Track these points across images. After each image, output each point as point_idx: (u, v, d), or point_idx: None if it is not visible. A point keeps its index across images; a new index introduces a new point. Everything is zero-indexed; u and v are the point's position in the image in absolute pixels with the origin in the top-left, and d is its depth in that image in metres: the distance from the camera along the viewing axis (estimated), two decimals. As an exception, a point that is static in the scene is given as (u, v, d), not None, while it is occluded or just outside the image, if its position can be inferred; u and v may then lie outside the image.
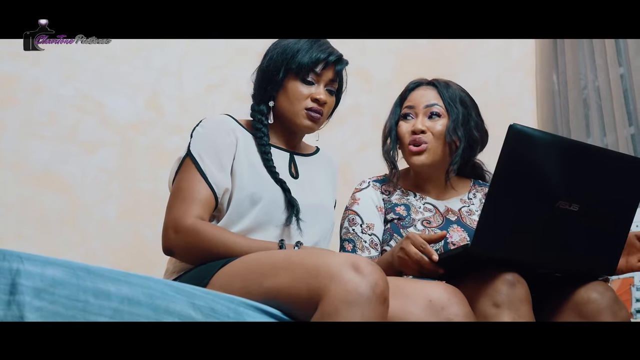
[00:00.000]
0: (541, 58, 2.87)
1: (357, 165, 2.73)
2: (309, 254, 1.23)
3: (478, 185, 1.81)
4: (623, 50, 2.63)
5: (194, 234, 1.39)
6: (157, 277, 1.13)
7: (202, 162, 1.46)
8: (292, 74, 1.53)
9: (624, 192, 1.42)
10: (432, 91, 1.72)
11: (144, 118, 2.51)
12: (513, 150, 1.30)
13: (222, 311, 1.13)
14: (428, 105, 1.69)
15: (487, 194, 1.33)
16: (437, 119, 1.68)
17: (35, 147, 2.33)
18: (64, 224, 2.33)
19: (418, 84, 1.75)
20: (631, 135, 2.55)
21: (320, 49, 1.54)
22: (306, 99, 1.53)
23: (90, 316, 1.00)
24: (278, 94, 1.55)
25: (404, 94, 1.76)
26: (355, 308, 1.10)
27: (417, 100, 1.71)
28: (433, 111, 1.68)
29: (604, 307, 1.39)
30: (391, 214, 1.69)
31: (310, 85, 1.54)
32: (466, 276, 1.36)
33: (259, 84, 1.57)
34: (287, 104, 1.54)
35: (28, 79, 2.35)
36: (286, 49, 1.54)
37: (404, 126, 1.70)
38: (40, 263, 0.99)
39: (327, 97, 1.55)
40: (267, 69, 1.55)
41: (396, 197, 1.72)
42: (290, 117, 1.55)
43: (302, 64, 1.52)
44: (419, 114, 1.69)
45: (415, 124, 1.68)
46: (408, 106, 1.71)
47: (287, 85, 1.54)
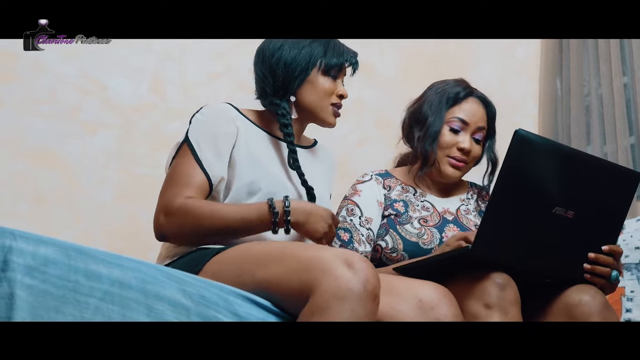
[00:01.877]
0: (546, 62, 2.87)
1: (356, 159, 2.73)
2: (302, 247, 1.23)
3: (475, 187, 1.84)
4: (628, 60, 2.63)
5: (183, 211, 1.38)
6: (149, 262, 1.13)
7: (198, 149, 1.45)
8: (321, 70, 1.54)
9: (616, 202, 1.44)
10: (482, 110, 1.72)
11: (146, 101, 2.51)
12: (517, 156, 1.32)
13: (212, 299, 1.13)
14: (479, 128, 1.70)
15: (490, 196, 1.34)
16: (479, 144, 1.72)
17: (34, 124, 2.33)
18: (60, 203, 2.32)
19: (470, 93, 1.73)
20: (631, 145, 2.56)
21: (344, 50, 1.58)
22: (332, 95, 1.56)
23: (81, 297, 1.00)
24: (300, 89, 1.54)
25: (455, 98, 1.71)
26: (346, 303, 1.10)
27: (471, 118, 1.69)
28: (479, 136, 1.71)
29: (594, 311, 1.40)
30: (389, 210, 1.69)
31: (335, 81, 1.57)
32: (456, 277, 1.37)
33: (283, 78, 1.53)
34: (315, 98, 1.55)
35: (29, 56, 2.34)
36: (313, 47, 1.54)
37: (451, 137, 1.68)
38: (33, 241, 0.99)
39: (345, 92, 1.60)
40: (292, 64, 1.53)
41: (396, 193, 1.73)
42: (317, 111, 1.56)
43: (332, 62, 1.55)
44: (467, 132, 1.69)
45: (464, 142, 1.68)
46: (461, 119, 1.69)
47: (314, 80, 1.54)
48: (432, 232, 1.65)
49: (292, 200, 1.42)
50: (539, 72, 2.90)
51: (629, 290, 2.07)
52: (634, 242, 2.11)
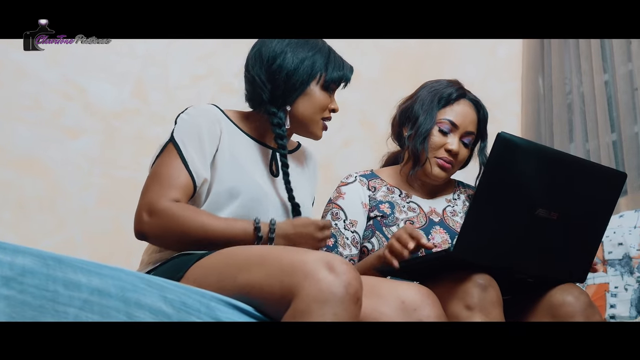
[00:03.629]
0: (528, 61, 2.89)
1: (341, 161, 2.73)
2: (284, 250, 1.23)
3: (462, 186, 1.83)
4: (609, 57, 2.64)
5: (168, 215, 1.36)
6: (129, 269, 1.12)
7: (184, 149, 1.44)
8: (320, 85, 1.53)
9: (600, 202, 1.45)
10: (474, 114, 1.71)
11: (128, 106, 2.49)
12: (499, 158, 1.33)
13: (194, 305, 1.13)
14: (468, 133, 1.70)
15: (472, 198, 1.35)
16: (467, 147, 1.71)
17: (16, 130, 2.31)
18: (43, 210, 2.31)
19: (463, 95, 1.72)
20: (613, 142, 2.57)
21: (344, 65, 1.57)
22: (326, 109, 1.56)
23: (59, 306, 0.99)
24: (297, 100, 1.52)
25: (447, 99, 1.70)
26: (328, 307, 1.10)
27: (461, 122, 1.68)
28: (467, 140, 1.70)
29: (578, 311, 1.41)
30: (375, 211, 1.69)
31: (331, 96, 1.57)
32: (438, 278, 1.37)
33: (284, 88, 1.50)
34: (310, 112, 1.53)
35: (12, 63, 2.33)
36: (315, 58, 1.52)
37: (440, 138, 1.68)
38: (10, 251, 0.98)
39: None
40: (294, 75, 1.50)
41: (381, 194, 1.72)
42: (308, 123, 1.55)
43: (333, 77, 1.53)
44: (456, 135, 1.68)
45: (452, 144, 1.67)
46: (451, 122, 1.68)
47: (312, 94, 1.53)
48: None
49: (279, 224, 1.41)
50: (521, 71, 2.91)
51: (613, 286, 2.08)
52: (617, 238, 2.12)
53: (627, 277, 2.06)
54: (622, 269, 2.09)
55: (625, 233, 2.11)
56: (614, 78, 2.58)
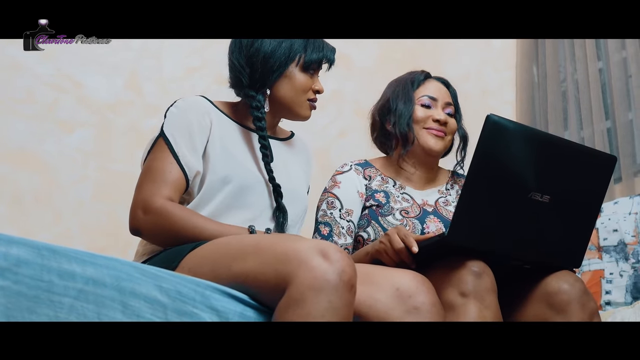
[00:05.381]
0: (522, 49, 2.89)
1: (336, 150, 2.73)
2: (278, 239, 1.23)
3: (456, 176, 1.83)
4: (602, 45, 2.65)
5: (163, 215, 1.38)
6: (124, 259, 1.12)
7: (175, 143, 1.45)
8: (299, 66, 1.53)
9: (592, 186, 1.45)
10: (445, 88, 1.78)
11: (122, 99, 2.49)
12: (489, 141, 1.32)
13: (189, 294, 1.13)
14: (448, 103, 1.75)
15: (463, 183, 1.34)
16: (452, 117, 1.76)
17: (11, 124, 2.31)
18: (39, 203, 2.31)
19: (429, 75, 1.80)
20: (607, 129, 2.58)
21: (324, 46, 1.58)
22: (309, 91, 1.56)
23: (55, 296, 0.99)
24: (277, 83, 1.53)
25: (417, 81, 1.76)
26: (322, 294, 1.10)
27: (438, 94, 1.75)
28: (448, 111, 1.75)
29: (573, 298, 1.42)
30: (371, 200, 1.69)
31: (312, 77, 1.56)
32: (433, 265, 1.37)
33: (261, 71, 1.51)
34: (292, 94, 1.54)
35: (6, 57, 2.32)
36: (293, 40, 1.53)
37: (423, 112, 1.72)
38: (5, 242, 0.98)
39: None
40: (271, 58, 1.51)
41: (376, 184, 1.73)
42: (292, 106, 1.55)
43: (313, 58, 1.54)
44: (438, 107, 1.73)
45: (438, 114, 1.72)
46: (430, 96, 1.73)
47: (292, 75, 1.53)
48: (413, 223, 1.65)
49: (272, 233, 1.42)
50: (515, 60, 2.92)
51: (608, 272, 2.09)
52: (612, 224, 2.13)
53: (622, 263, 2.07)
54: (617, 256, 2.10)
55: (620, 219, 2.11)
56: (608, 65, 2.59)
